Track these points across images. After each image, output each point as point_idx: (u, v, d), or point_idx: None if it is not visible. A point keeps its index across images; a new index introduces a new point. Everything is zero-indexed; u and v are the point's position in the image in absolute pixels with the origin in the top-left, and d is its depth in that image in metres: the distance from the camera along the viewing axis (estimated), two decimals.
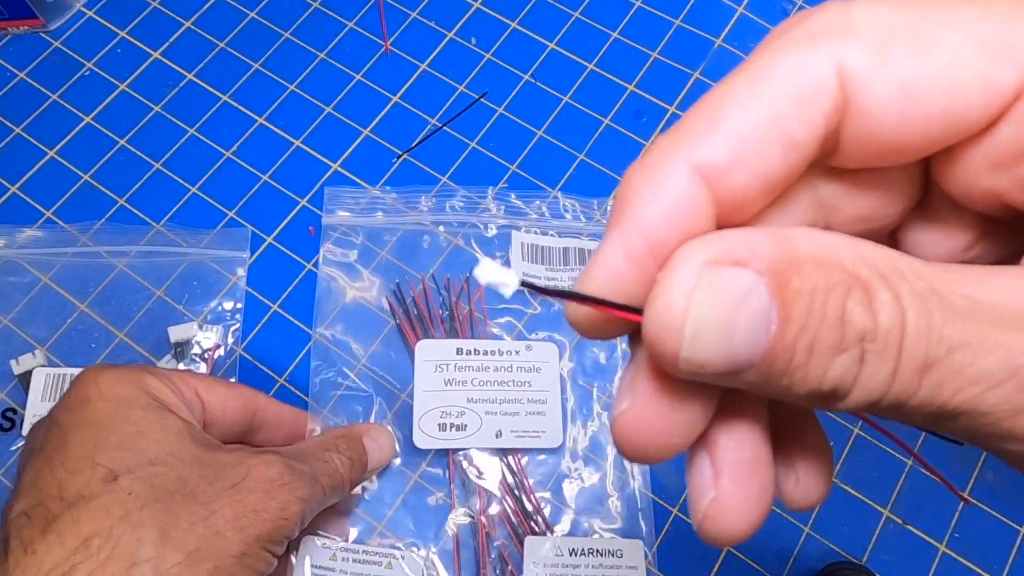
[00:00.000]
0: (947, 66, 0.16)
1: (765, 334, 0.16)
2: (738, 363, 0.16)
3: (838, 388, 0.16)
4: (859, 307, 0.15)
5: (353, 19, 0.62)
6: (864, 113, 0.17)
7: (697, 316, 0.16)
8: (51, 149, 0.58)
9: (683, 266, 0.16)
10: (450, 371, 0.50)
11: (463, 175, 0.57)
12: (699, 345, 0.16)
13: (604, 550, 0.46)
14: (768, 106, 0.17)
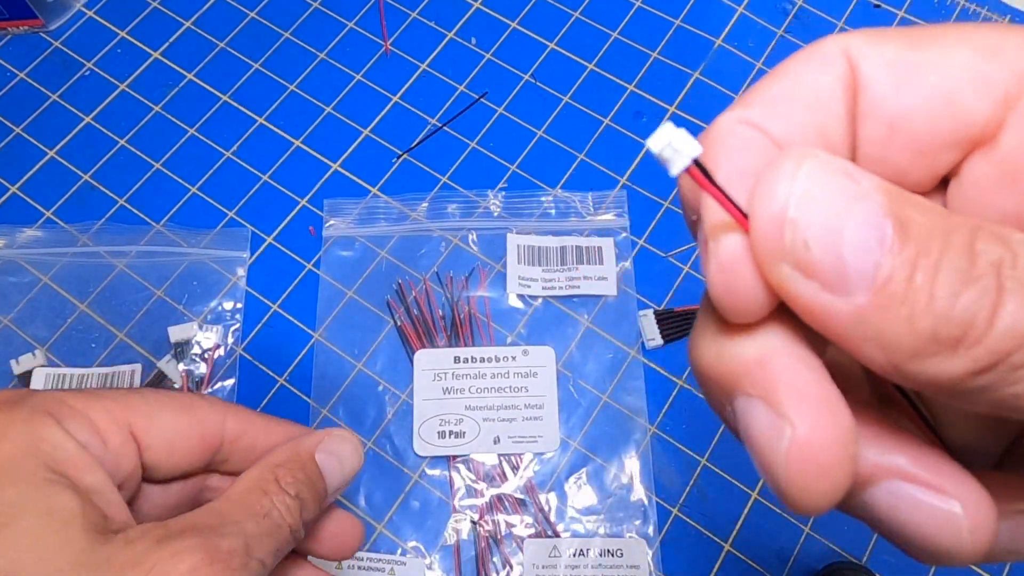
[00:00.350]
0: (938, 56, 0.17)
1: (878, 242, 0.14)
2: (847, 268, 0.14)
3: (972, 324, 0.13)
4: (990, 241, 0.14)
5: (353, 19, 0.62)
6: (866, 85, 0.17)
7: (808, 185, 0.14)
8: (51, 149, 0.57)
9: (792, 148, 0.15)
10: (448, 379, 0.50)
11: (463, 175, 0.57)
12: (806, 210, 0.14)
13: (605, 550, 0.46)
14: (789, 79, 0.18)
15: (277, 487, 0.29)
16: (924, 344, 0.14)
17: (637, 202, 0.56)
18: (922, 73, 0.17)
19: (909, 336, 0.14)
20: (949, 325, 0.14)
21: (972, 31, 0.17)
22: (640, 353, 0.51)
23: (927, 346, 0.14)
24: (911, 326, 0.14)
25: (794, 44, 0.61)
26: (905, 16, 0.61)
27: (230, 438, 0.31)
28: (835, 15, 0.62)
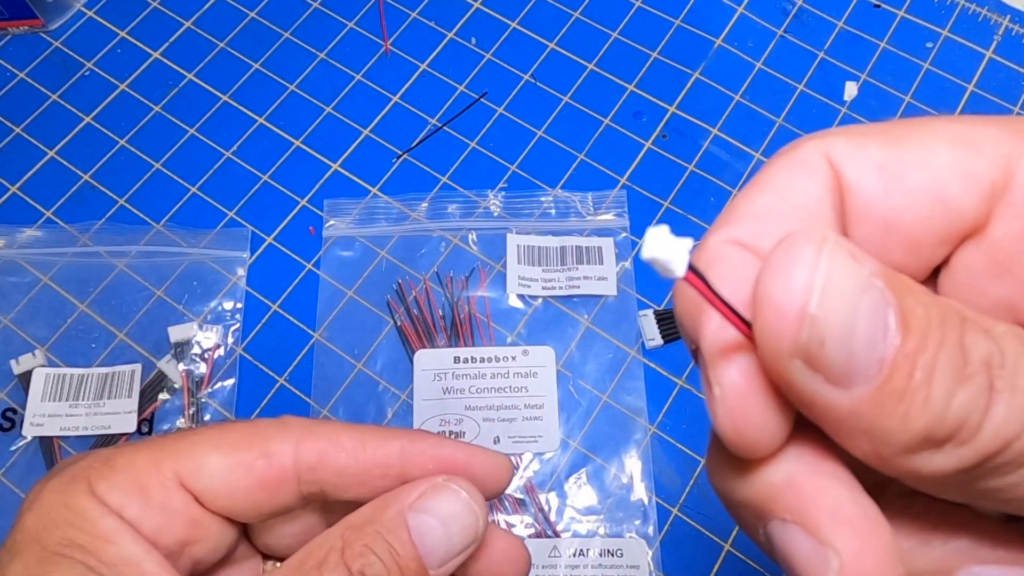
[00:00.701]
0: (920, 153, 0.17)
1: (883, 337, 0.14)
2: (855, 364, 0.14)
3: (964, 424, 0.14)
4: (978, 336, 0.14)
5: (353, 19, 0.62)
6: (853, 189, 0.17)
7: (827, 272, 0.14)
8: (51, 149, 0.58)
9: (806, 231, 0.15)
10: (448, 379, 0.50)
11: (463, 175, 0.57)
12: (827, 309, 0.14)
13: (605, 550, 0.46)
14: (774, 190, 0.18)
15: (338, 562, 0.23)
16: (916, 442, 0.14)
17: (637, 202, 0.56)
18: (908, 173, 0.17)
19: (902, 433, 0.14)
20: (942, 426, 0.14)
21: (945, 125, 0.17)
22: (640, 353, 0.51)
23: (918, 444, 0.14)
24: (905, 423, 0.14)
25: (794, 44, 0.61)
26: (905, 16, 0.62)
27: (307, 467, 0.26)
28: (835, 15, 0.62)
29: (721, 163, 0.57)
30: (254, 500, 0.25)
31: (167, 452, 0.25)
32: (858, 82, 0.59)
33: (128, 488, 0.24)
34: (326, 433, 0.26)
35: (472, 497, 0.25)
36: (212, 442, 0.26)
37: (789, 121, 0.58)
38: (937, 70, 0.60)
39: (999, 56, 0.60)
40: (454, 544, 0.24)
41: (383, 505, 0.24)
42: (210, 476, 0.25)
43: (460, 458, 0.27)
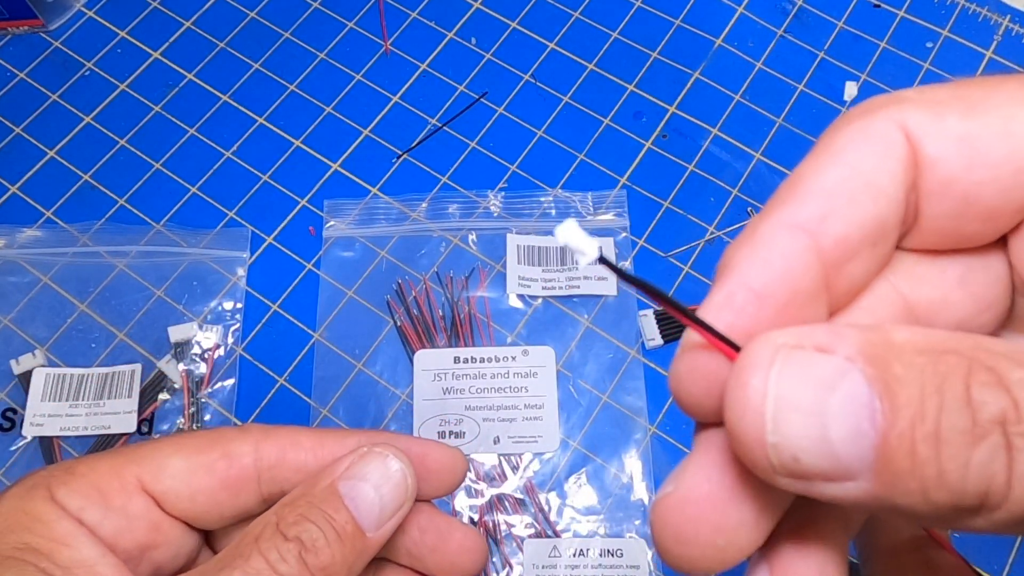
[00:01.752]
0: (999, 122, 0.16)
1: (870, 424, 0.13)
2: (843, 462, 0.14)
3: (990, 490, 0.13)
4: (988, 388, 0.13)
5: (353, 19, 0.62)
6: (932, 164, 0.17)
7: (778, 395, 0.14)
8: (51, 149, 0.57)
9: (758, 345, 0.15)
10: (448, 380, 0.50)
11: (463, 175, 0.57)
12: (785, 429, 0.14)
13: (604, 550, 0.46)
14: (847, 165, 0.17)
15: (273, 532, 0.23)
16: (945, 512, 0.13)
17: (637, 202, 0.56)
18: (991, 146, 0.16)
19: (927, 507, 0.13)
20: (966, 496, 0.13)
21: (1020, 87, 0.17)
22: (640, 353, 0.51)
23: (949, 514, 0.14)
24: (927, 499, 0.13)
25: (794, 44, 0.61)
26: (905, 16, 0.61)
27: (267, 465, 0.27)
28: (835, 15, 0.62)
29: (721, 163, 0.57)
30: (216, 501, 0.26)
31: (129, 458, 0.26)
32: (858, 82, 0.59)
33: (88, 492, 0.24)
34: (285, 434, 0.27)
35: (399, 459, 0.26)
36: (174, 446, 0.26)
37: (789, 121, 0.58)
38: (937, 70, 0.60)
39: (999, 56, 0.60)
40: (387, 505, 0.25)
41: (314, 481, 0.25)
42: (172, 478, 0.26)
43: (415, 450, 0.28)
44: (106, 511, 0.24)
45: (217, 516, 0.26)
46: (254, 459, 0.26)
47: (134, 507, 0.25)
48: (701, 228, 0.55)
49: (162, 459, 0.26)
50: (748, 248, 0.17)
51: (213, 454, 0.26)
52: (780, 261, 0.17)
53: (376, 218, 0.55)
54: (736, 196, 0.56)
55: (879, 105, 0.18)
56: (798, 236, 0.17)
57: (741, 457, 0.15)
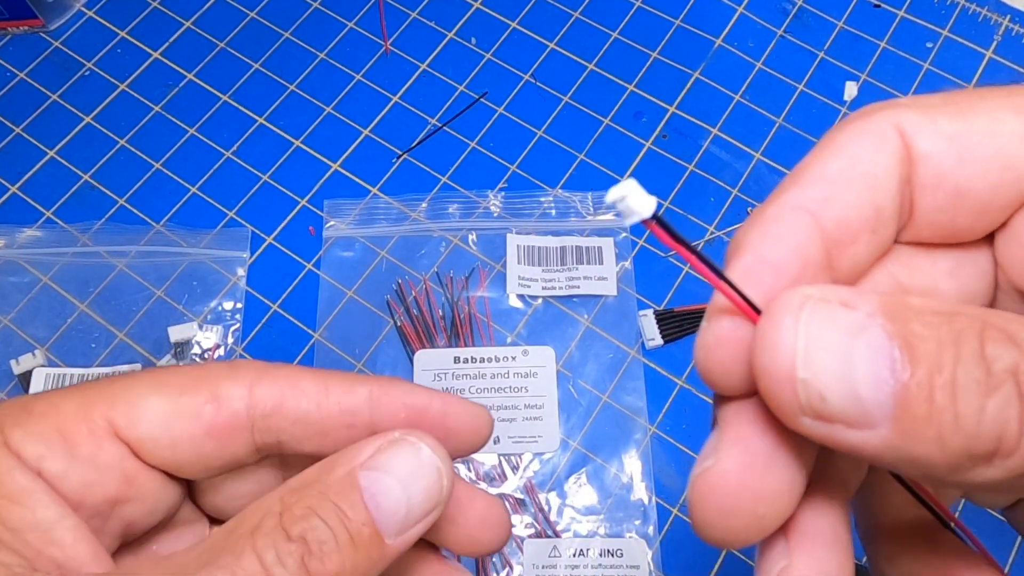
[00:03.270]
0: (989, 123, 0.18)
1: (891, 372, 0.14)
2: (865, 405, 0.14)
3: (1003, 436, 0.14)
4: (1000, 344, 0.14)
5: (353, 19, 0.62)
6: (925, 159, 0.18)
7: (808, 335, 0.15)
8: (51, 149, 0.58)
9: (788, 294, 0.16)
10: (448, 379, 0.50)
11: (463, 175, 0.57)
12: (815, 366, 0.15)
13: (604, 550, 0.46)
14: (846, 157, 0.18)
15: (274, 527, 0.19)
16: (959, 460, 0.14)
17: None
18: (980, 143, 0.18)
19: (942, 455, 0.14)
20: (980, 441, 0.14)
21: (1007, 97, 0.18)
22: (640, 353, 0.51)
23: (962, 462, 0.14)
24: (942, 446, 0.14)
25: (794, 44, 0.61)
26: (905, 16, 0.61)
27: (262, 413, 0.23)
28: (835, 15, 0.62)
29: (721, 163, 0.57)
30: (201, 452, 0.22)
31: (99, 396, 0.22)
32: (858, 82, 0.59)
33: (49, 437, 0.21)
34: (283, 376, 0.23)
35: (436, 453, 0.21)
36: (152, 385, 0.22)
37: (789, 121, 0.58)
38: (937, 70, 0.60)
39: (999, 56, 0.60)
40: (414, 508, 0.20)
41: (330, 465, 0.21)
42: (150, 423, 0.22)
43: (435, 406, 0.24)
44: (71, 460, 0.21)
45: (202, 467, 0.23)
46: (247, 404, 0.23)
47: (105, 456, 0.21)
48: (701, 228, 0.55)
49: (138, 399, 0.22)
50: (758, 227, 0.18)
51: (199, 396, 0.22)
52: (790, 236, 0.18)
53: (376, 218, 0.55)
54: (736, 196, 0.56)
55: (875, 109, 0.19)
56: (802, 215, 0.18)
57: (768, 398, 0.16)
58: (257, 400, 0.23)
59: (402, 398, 0.23)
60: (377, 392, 0.23)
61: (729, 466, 0.17)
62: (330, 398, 0.23)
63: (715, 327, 0.18)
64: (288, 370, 0.23)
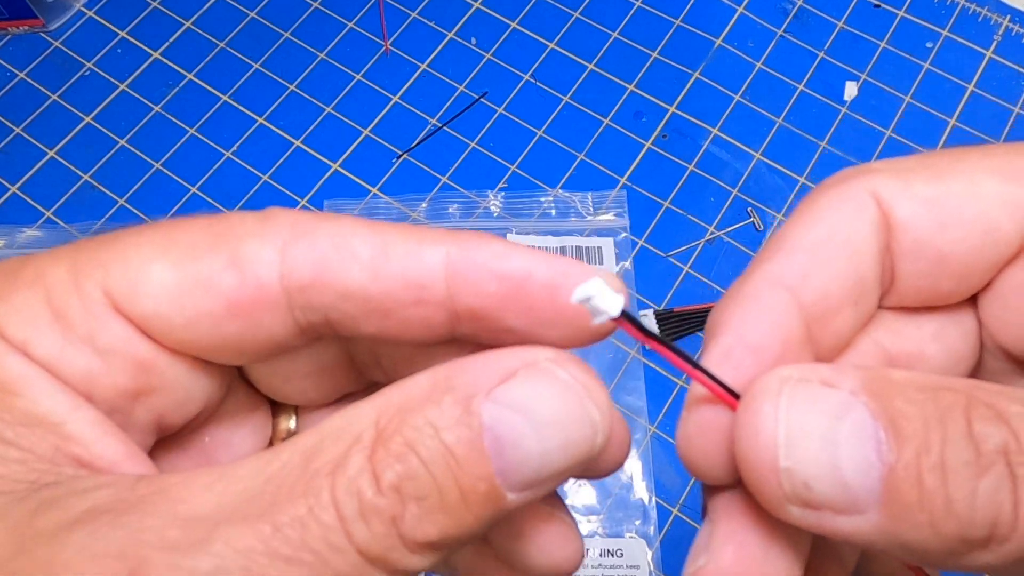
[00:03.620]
0: (965, 186, 0.18)
1: (877, 455, 0.14)
2: (852, 491, 0.14)
3: (997, 520, 0.13)
4: (988, 422, 0.14)
5: (353, 19, 0.62)
6: (904, 226, 0.18)
7: (789, 421, 0.15)
8: (51, 149, 0.57)
9: (766, 378, 0.15)
10: None
11: (463, 175, 0.57)
12: (798, 454, 0.14)
13: (605, 550, 0.46)
14: (824, 227, 0.18)
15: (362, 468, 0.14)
16: (954, 545, 0.14)
17: (637, 202, 0.56)
18: (960, 207, 0.17)
19: (937, 540, 0.14)
20: (975, 526, 0.13)
21: (983, 158, 0.18)
22: (640, 353, 0.51)
23: (958, 547, 0.14)
24: (936, 531, 0.13)
25: (794, 44, 0.61)
26: (905, 16, 0.61)
27: (299, 285, 0.17)
28: (835, 15, 0.62)
29: (721, 163, 0.57)
30: (224, 334, 0.17)
31: (91, 260, 0.17)
32: (858, 82, 0.59)
33: (36, 313, 0.16)
34: (327, 232, 0.17)
35: (592, 397, 0.15)
36: (156, 245, 0.17)
37: (789, 121, 0.58)
38: (937, 70, 0.60)
39: (999, 56, 0.60)
40: (548, 464, 0.15)
41: (443, 381, 0.15)
42: (154, 297, 0.17)
43: (541, 274, 0.17)
44: (65, 342, 0.16)
45: (232, 351, 0.18)
46: (279, 272, 0.17)
47: (107, 337, 0.17)
48: (701, 228, 0.55)
49: (139, 267, 0.17)
50: (736, 307, 0.18)
51: (216, 260, 0.17)
52: (768, 315, 0.17)
53: (376, 218, 0.55)
54: (736, 196, 0.56)
55: (850, 176, 0.19)
56: (781, 292, 0.17)
57: (752, 487, 0.15)
58: (292, 266, 0.17)
59: (491, 264, 0.17)
60: (456, 255, 0.17)
61: (723, 565, 0.16)
62: (390, 264, 0.17)
63: (695, 416, 0.17)
64: (334, 224, 0.18)
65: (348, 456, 0.14)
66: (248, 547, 0.13)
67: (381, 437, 0.14)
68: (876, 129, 0.58)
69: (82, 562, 0.13)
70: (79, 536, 0.13)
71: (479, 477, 0.14)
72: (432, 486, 0.14)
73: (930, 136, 0.57)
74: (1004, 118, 0.58)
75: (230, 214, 0.18)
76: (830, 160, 0.57)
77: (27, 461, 0.15)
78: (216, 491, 0.14)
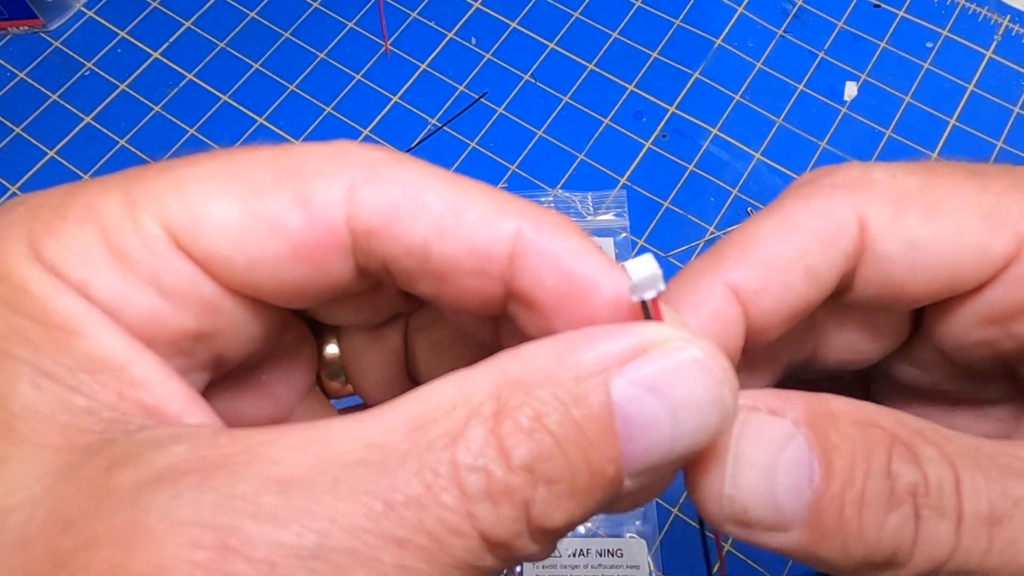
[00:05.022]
0: (952, 232, 0.18)
1: (809, 484, 0.16)
2: (785, 515, 0.16)
3: (897, 551, 0.15)
4: (904, 463, 0.15)
5: (353, 19, 0.62)
6: (878, 260, 0.19)
7: (738, 453, 0.16)
8: (51, 149, 0.57)
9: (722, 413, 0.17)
10: None
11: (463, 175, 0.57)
12: (742, 484, 0.16)
13: (604, 550, 0.46)
14: (796, 243, 0.19)
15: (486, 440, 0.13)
16: (859, 566, 0.16)
17: (637, 202, 0.56)
18: (939, 256, 0.18)
19: (846, 560, 0.16)
20: (878, 552, 0.15)
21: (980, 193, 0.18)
22: None
23: (862, 567, 0.16)
24: (845, 553, 0.15)
25: (794, 44, 0.61)
26: (905, 16, 0.61)
27: (365, 230, 0.16)
28: (835, 15, 0.62)
29: (721, 163, 0.57)
30: (286, 278, 0.16)
31: (147, 192, 0.16)
32: (858, 82, 0.59)
33: (93, 252, 0.15)
34: (401, 179, 0.16)
35: (727, 375, 0.15)
36: (216, 179, 0.16)
37: (789, 121, 0.58)
38: (937, 70, 0.60)
39: (999, 56, 0.60)
40: (677, 449, 0.14)
41: (568, 351, 0.14)
42: (216, 236, 0.15)
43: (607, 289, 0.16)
44: (126, 283, 0.15)
45: (294, 295, 0.17)
46: (347, 214, 0.16)
47: (172, 278, 0.15)
48: (701, 228, 0.55)
49: (198, 201, 0.15)
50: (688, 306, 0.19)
51: (281, 198, 0.16)
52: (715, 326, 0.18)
53: None
54: (736, 196, 0.56)
55: (848, 184, 0.19)
56: (732, 304, 0.18)
57: (698, 505, 0.17)
58: (360, 210, 0.16)
59: (561, 258, 0.16)
60: (529, 233, 0.16)
61: None
62: (460, 227, 0.16)
63: None
64: (409, 168, 0.16)
65: (467, 428, 0.13)
66: (356, 525, 0.12)
67: (504, 410, 0.13)
68: (876, 129, 0.58)
69: (167, 530, 0.12)
70: (162, 499, 0.12)
71: (608, 459, 0.13)
72: (565, 468, 0.13)
73: (930, 136, 0.57)
74: (1004, 118, 0.58)
75: (296, 146, 0.17)
76: (830, 160, 0.57)
77: (94, 410, 0.14)
78: (312, 453, 0.13)
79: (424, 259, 0.16)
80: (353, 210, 0.16)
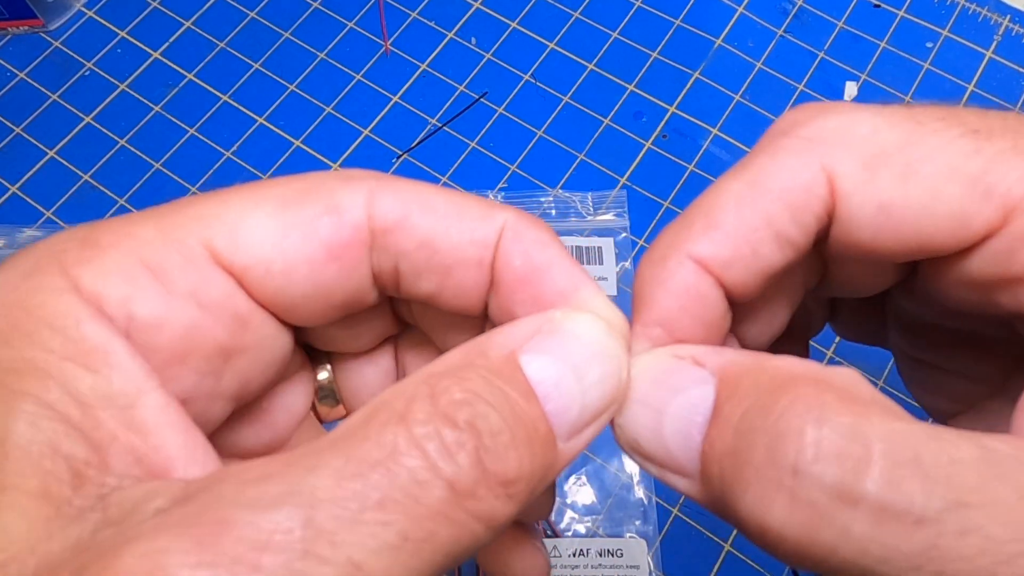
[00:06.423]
0: (925, 197, 0.17)
1: (698, 431, 0.16)
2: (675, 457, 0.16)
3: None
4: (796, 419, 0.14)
5: (353, 19, 0.62)
6: (847, 221, 0.18)
7: (633, 389, 0.17)
8: (51, 149, 0.57)
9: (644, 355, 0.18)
10: None
11: (463, 175, 0.57)
12: (629, 416, 0.17)
13: (604, 550, 0.46)
14: (763, 208, 0.18)
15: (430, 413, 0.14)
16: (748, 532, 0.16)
17: (637, 202, 0.56)
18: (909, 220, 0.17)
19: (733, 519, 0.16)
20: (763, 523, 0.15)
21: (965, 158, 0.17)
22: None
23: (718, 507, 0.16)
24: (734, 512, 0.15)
25: (794, 44, 0.61)
26: (905, 16, 0.61)
27: (383, 227, 0.18)
28: (835, 15, 0.62)
29: (721, 163, 0.57)
30: (320, 280, 0.17)
31: (186, 217, 0.17)
32: (858, 82, 0.59)
33: (133, 271, 0.15)
34: (408, 188, 0.18)
35: (614, 336, 0.17)
36: (251, 198, 0.17)
37: None
38: (937, 70, 0.60)
39: (999, 56, 0.60)
40: (589, 404, 0.16)
41: (480, 347, 0.16)
42: (258, 245, 0.17)
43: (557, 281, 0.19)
44: (168, 299, 0.16)
45: (321, 305, 0.18)
46: (367, 215, 0.18)
47: (211, 291, 0.16)
48: None
49: (238, 216, 0.17)
50: (659, 284, 0.18)
51: (313, 207, 0.17)
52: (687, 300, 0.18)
53: None
54: None
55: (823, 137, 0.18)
56: (703, 277, 0.18)
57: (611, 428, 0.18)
58: (379, 208, 0.18)
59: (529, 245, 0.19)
60: (512, 225, 0.19)
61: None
62: (463, 221, 0.18)
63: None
64: (414, 182, 0.19)
65: (411, 406, 0.14)
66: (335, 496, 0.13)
67: (437, 390, 0.15)
68: None
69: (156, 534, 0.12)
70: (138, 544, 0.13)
71: (538, 418, 0.15)
72: (502, 424, 0.15)
73: None
74: None
75: (311, 174, 0.19)
76: None
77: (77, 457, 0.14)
78: (280, 459, 0.14)
79: (433, 251, 0.18)
80: (372, 211, 0.18)
